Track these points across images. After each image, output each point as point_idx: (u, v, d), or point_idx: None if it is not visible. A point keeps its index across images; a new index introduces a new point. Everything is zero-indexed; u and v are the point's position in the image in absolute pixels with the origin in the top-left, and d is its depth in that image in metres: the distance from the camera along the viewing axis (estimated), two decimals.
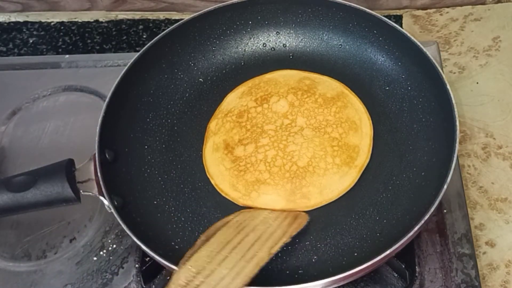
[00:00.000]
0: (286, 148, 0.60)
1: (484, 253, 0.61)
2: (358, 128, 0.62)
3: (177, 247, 0.57)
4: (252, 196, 0.59)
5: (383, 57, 0.67)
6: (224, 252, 0.52)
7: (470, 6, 0.82)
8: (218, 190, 0.60)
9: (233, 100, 0.66)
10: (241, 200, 0.59)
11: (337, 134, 0.61)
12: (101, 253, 0.63)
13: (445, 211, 0.62)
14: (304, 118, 0.62)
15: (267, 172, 0.59)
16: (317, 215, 0.58)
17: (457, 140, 0.56)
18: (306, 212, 0.58)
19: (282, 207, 0.58)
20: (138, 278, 0.60)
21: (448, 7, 0.83)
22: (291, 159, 0.60)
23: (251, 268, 0.51)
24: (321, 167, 0.59)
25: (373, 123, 0.63)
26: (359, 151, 0.61)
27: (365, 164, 0.60)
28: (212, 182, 0.61)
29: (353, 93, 0.65)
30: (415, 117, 0.63)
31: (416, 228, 0.51)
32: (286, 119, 0.63)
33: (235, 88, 0.67)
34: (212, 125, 0.65)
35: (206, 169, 0.62)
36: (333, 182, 0.59)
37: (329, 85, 0.66)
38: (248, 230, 0.54)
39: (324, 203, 0.59)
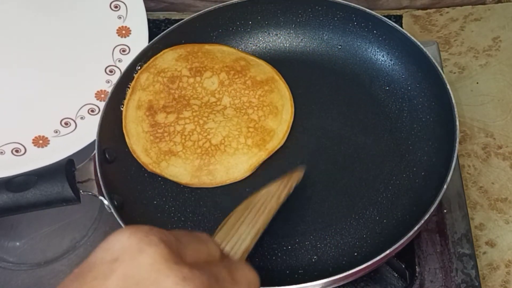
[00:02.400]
0: (205, 124, 0.62)
1: (484, 253, 0.61)
2: (278, 113, 0.64)
3: None
4: (161, 165, 0.61)
5: (383, 57, 0.67)
6: (240, 220, 0.53)
7: (470, 6, 0.82)
8: (130, 150, 0.61)
9: (169, 59, 0.66)
10: (150, 167, 0.61)
11: (256, 116, 0.63)
12: None
13: (445, 211, 0.62)
14: (230, 98, 0.65)
15: (181, 144, 0.61)
16: (317, 215, 0.58)
17: (457, 140, 0.56)
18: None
19: (186, 182, 0.60)
20: None
21: (448, 7, 0.83)
22: (207, 135, 0.62)
23: (264, 217, 0.53)
24: (232, 146, 0.61)
25: (373, 123, 0.63)
26: (274, 135, 0.63)
27: (276, 148, 0.62)
28: (127, 140, 0.62)
29: (284, 81, 0.67)
30: (415, 117, 0.63)
31: (416, 228, 0.51)
32: (213, 97, 0.65)
33: (176, 47, 0.67)
34: (143, 77, 0.65)
35: (123, 124, 0.63)
36: (240, 162, 0.61)
37: (262, 69, 0.67)
38: (255, 201, 0.55)
39: (228, 182, 0.61)
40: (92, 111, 0.67)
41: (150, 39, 0.69)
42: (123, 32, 0.71)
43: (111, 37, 0.72)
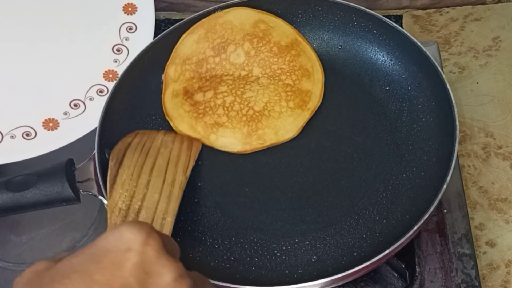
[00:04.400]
0: (243, 94, 0.63)
1: (484, 253, 0.61)
2: (310, 75, 0.65)
3: None
4: (211, 138, 0.62)
5: (383, 57, 0.67)
6: (145, 176, 0.55)
7: (470, 6, 0.82)
8: (177, 131, 0.63)
9: (190, 44, 0.67)
10: (201, 140, 0.62)
11: (291, 81, 0.65)
12: None
13: (445, 211, 0.62)
14: (260, 68, 0.65)
15: (225, 115, 0.62)
16: (317, 215, 0.58)
17: (457, 140, 0.56)
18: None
19: (238, 150, 0.62)
20: None
21: (448, 7, 0.83)
22: (248, 104, 0.63)
23: (177, 191, 0.56)
24: (276, 110, 0.63)
25: (373, 123, 0.63)
26: (312, 95, 0.64)
27: (317, 107, 0.64)
28: (171, 124, 0.63)
29: (306, 41, 0.68)
30: (415, 117, 0.63)
31: (415, 228, 0.51)
32: (243, 70, 0.65)
33: (193, 27, 0.67)
34: (170, 71, 0.66)
35: (165, 112, 0.64)
36: (287, 124, 0.62)
37: (283, 31, 0.67)
38: (153, 153, 0.58)
39: (278, 143, 0.62)
40: (101, 91, 0.67)
41: None
42: (129, 9, 0.70)
43: (118, 14, 0.71)
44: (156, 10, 0.85)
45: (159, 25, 0.85)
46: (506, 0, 0.82)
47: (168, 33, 0.67)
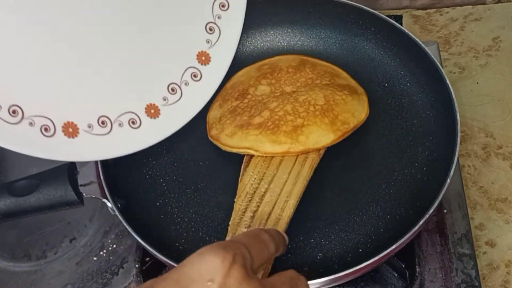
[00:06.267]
0: (297, 100, 0.61)
1: (484, 253, 0.61)
2: (338, 74, 0.65)
3: (181, 247, 0.56)
4: (300, 140, 0.58)
5: (381, 53, 0.67)
6: (277, 158, 0.57)
7: (470, 6, 0.82)
8: (262, 154, 0.59)
9: (216, 111, 0.65)
10: (292, 149, 0.58)
11: (327, 81, 0.64)
12: (101, 253, 0.63)
13: (445, 211, 0.62)
14: (290, 86, 0.64)
15: (299, 118, 0.59)
16: (320, 212, 0.58)
17: (459, 133, 0.55)
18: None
19: (332, 140, 0.59)
20: (138, 278, 0.60)
21: (448, 7, 0.83)
22: (310, 102, 0.61)
23: (306, 171, 0.56)
24: (338, 99, 0.61)
25: (372, 120, 0.63)
26: (353, 85, 0.64)
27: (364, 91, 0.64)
28: (251, 152, 0.59)
29: (312, 56, 0.68)
30: (415, 113, 0.63)
31: (416, 228, 0.51)
32: (276, 94, 0.63)
33: (212, 104, 0.65)
34: (213, 132, 0.63)
35: (238, 147, 0.60)
36: (356, 106, 0.61)
37: (287, 59, 0.67)
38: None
39: (358, 125, 0.61)
40: (195, 76, 0.62)
41: None
42: None
43: None
44: None
45: None
46: (506, 0, 0.82)
47: None
